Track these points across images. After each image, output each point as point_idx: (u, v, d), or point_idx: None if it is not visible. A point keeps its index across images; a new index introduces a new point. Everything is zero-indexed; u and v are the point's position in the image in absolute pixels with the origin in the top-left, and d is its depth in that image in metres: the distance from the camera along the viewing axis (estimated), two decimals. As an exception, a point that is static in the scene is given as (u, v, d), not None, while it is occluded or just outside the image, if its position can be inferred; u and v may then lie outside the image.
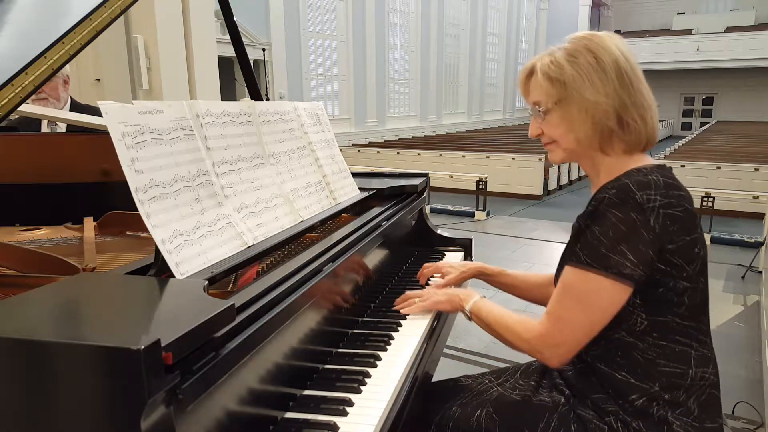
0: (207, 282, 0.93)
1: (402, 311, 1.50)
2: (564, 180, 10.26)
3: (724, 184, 7.61)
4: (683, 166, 8.15)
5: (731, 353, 3.27)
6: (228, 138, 1.28)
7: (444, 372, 1.67)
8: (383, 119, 15.00)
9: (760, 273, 4.69)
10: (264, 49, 10.73)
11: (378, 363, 1.25)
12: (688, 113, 24.32)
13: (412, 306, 1.50)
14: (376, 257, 1.65)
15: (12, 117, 1.70)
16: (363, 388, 1.13)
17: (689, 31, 22.67)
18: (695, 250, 1.13)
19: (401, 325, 1.45)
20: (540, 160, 8.88)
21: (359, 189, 1.87)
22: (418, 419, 1.31)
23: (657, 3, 25.31)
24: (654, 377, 1.14)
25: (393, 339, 1.37)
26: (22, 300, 0.82)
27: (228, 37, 2.18)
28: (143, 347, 0.62)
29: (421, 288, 1.72)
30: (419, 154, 10.51)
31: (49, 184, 1.74)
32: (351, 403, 1.07)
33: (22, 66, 1.22)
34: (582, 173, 10.74)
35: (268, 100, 4.70)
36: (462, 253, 2.15)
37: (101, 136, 1.65)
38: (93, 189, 1.76)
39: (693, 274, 1.13)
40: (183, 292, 0.90)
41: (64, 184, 1.75)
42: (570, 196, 9.60)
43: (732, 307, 4.09)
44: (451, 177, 8.60)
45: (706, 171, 8.10)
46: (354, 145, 11.93)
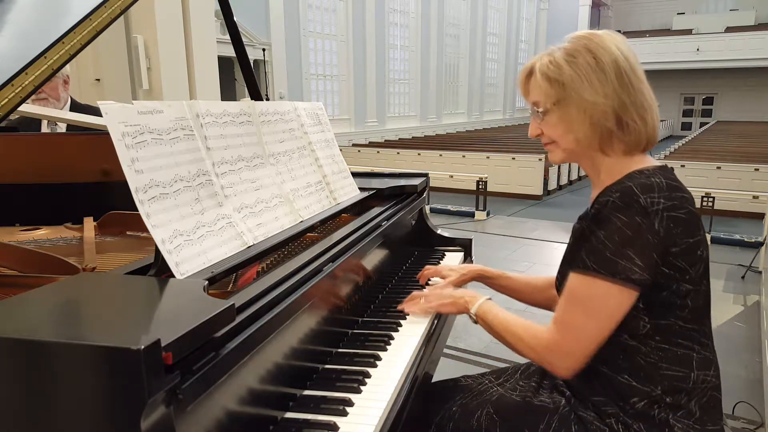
0: (207, 282, 0.93)
1: (405, 310, 1.50)
2: (564, 180, 10.26)
3: (724, 184, 7.61)
4: (683, 166, 8.15)
5: (731, 353, 3.27)
6: (228, 138, 1.28)
7: (444, 372, 1.67)
8: (383, 119, 15.00)
9: (760, 273, 4.69)
10: (264, 49, 10.73)
11: (378, 363, 1.25)
12: (688, 113, 24.32)
13: (415, 306, 1.50)
14: (376, 257, 1.65)
15: (12, 117, 1.69)
16: (363, 388, 1.13)
17: (689, 31, 22.67)
18: (698, 252, 1.12)
19: (401, 325, 1.45)
20: (540, 160, 8.88)
21: (359, 189, 1.87)
22: (418, 419, 1.30)
23: (657, 3, 25.31)
24: (656, 381, 1.13)
25: (393, 339, 1.37)
26: (22, 300, 0.82)
27: (228, 37, 2.18)
28: (143, 347, 0.62)
29: (422, 288, 1.72)
30: (419, 154, 10.51)
31: (49, 184, 1.74)
32: (351, 403, 1.07)
33: (22, 66, 1.22)
34: (582, 173, 10.74)
35: (268, 100, 4.70)
36: (462, 254, 2.15)
37: (101, 136, 1.65)
38: (93, 189, 1.76)
39: (696, 276, 1.12)
40: (183, 292, 0.90)
41: (64, 184, 1.75)
42: (570, 196, 9.60)
43: (732, 307, 4.09)
44: (451, 177, 8.60)
45: (706, 171, 8.10)
46: (354, 145, 11.93)
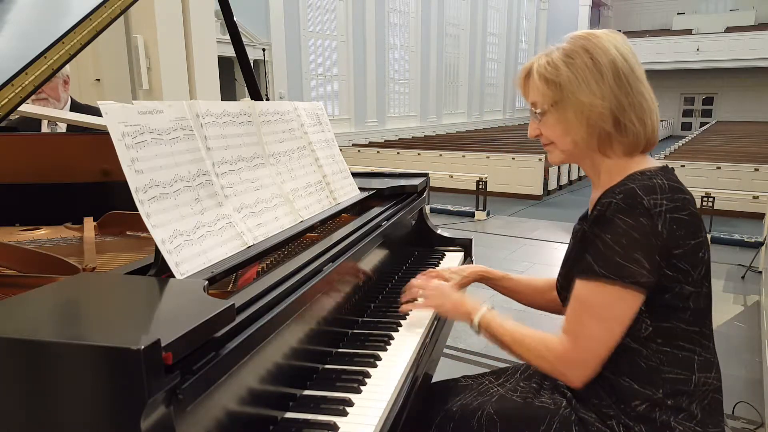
0: (207, 282, 0.93)
1: (403, 309, 1.49)
2: (564, 180, 10.26)
3: (724, 184, 7.61)
4: (683, 166, 8.15)
5: (731, 353, 3.27)
6: (228, 138, 1.28)
7: (444, 372, 1.67)
8: (383, 119, 15.00)
9: (760, 273, 4.69)
10: (264, 49, 10.73)
11: (378, 363, 1.25)
12: (688, 113, 24.32)
13: (414, 304, 1.48)
14: (376, 257, 1.65)
15: (12, 117, 1.69)
16: (363, 388, 1.13)
17: (689, 31, 22.67)
18: (700, 254, 1.11)
19: (401, 325, 1.45)
20: (540, 160, 8.87)
21: (359, 189, 1.87)
22: (418, 419, 1.30)
23: (657, 3, 25.32)
24: (657, 384, 1.12)
25: (393, 339, 1.37)
26: (22, 300, 0.82)
27: (228, 37, 2.18)
28: (143, 347, 0.62)
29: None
30: (419, 154, 10.50)
31: (49, 184, 1.74)
32: (351, 403, 1.07)
33: (22, 66, 1.22)
34: (582, 173, 10.74)
35: (268, 100, 4.70)
36: (462, 254, 2.14)
37: (101, 136, 1.65)
38: (93, 189, 1.76)
39: (698, 278, 1.12)
40: (183, 292, 0.90)
41: (64, 184, 1.75)
42: (570, 196, 9.60)
43: (732, 307, 4.09)
44: (451, 177, 8.60)
45: (706, 171, 8.10)
46: (354, 145, 11.93)
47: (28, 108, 2.01)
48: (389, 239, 1.76)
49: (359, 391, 1.12)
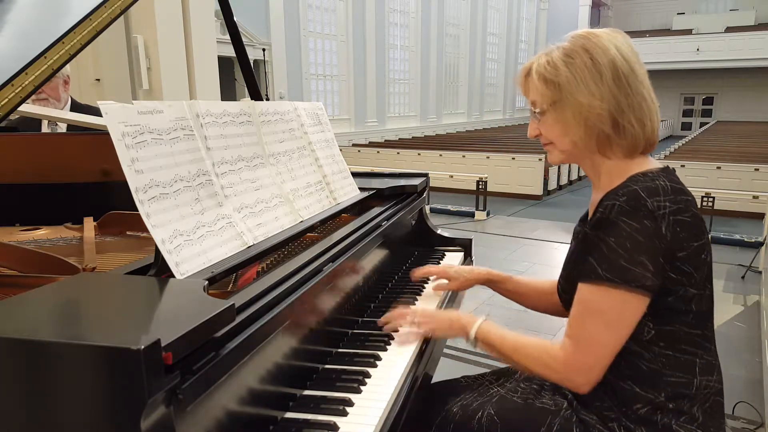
0: (207, 282, 0.93)
1: (396, 342, 1.35)
2: (564, 180, 10.26)
3: (724, 184, 7.61)
4: (683, 166, 8.15)
5: (731, 353, 3.27)
6: (228, 138, 1.28)
7: (444, 372, 1.67)
8: (383, 119, 15.00)
9: (760, 273, 4.69)
10: (264, 49, 10.73)
11: (378, 363, 1.25)
12: (688, 113, 24.32)
13: (408, 335, 1.36)
14: (376, 257, 1.65)
15: (12, 117, 1.70)
16: (363, 388, 1.13)
17: (689, 31, 22.67)
18: (703, 255, 1.11)
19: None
20: (540, 160, 8.87)
21: (359, 189, 1.87)
22: (418, 420, 1.30)
23: (657, 3, 25.31)
24: (659, 387, 1.12)
25: (393, 339, 1.37)
26: (22, 300, 0.82)
27: (228, 37, 2.18)
28: (143, 347, 0.62)
29: (421, 289, 1.72)
30: (419, 154, 10.50)
31: (49, 184, 1.74)
32: (351, 403, 1.07)
33: (22, 66, 1.22)
34: (582, 173, 10.74)
35: (268, 100, 4.70)
36: (462, 254, 2.14)
37: (101, 136, 1.65)
38: (93, 189, 1.76)
39: (700, 280, 1.11)
40: (183, 292, 0.90)
41: (64, 184, 1.75)
42: (570, 196, 9.60)
43: (732, 307, 4.09)
44: (451, 177, 8.60)
45: (706, 171, 8.10)
46: (354, 145, 11.93)
47: (28, 108, 2.01)
48: (389, 239, 1.76)
49: (359, 391, 1.12)
